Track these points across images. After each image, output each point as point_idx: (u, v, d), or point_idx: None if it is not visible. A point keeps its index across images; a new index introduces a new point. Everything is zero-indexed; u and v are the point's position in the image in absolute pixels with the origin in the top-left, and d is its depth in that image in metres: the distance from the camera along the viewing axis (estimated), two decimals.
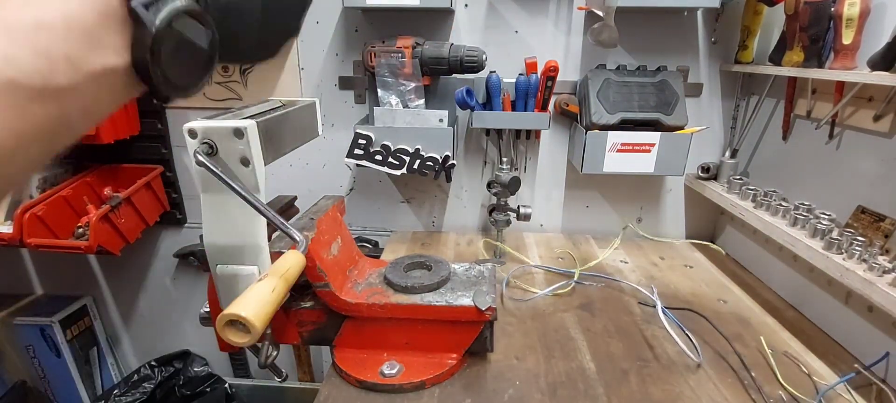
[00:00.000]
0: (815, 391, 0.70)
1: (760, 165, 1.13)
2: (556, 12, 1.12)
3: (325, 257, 0.70)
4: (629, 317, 0.89)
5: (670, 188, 1.27)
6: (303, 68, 1.20)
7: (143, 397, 1.28)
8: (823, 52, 0.87)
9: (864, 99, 0.82)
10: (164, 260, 1.45)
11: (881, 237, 0.77)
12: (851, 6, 0.78)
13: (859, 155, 0.84)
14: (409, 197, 1.32)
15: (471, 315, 0.69)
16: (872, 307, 0.76)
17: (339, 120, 1.23)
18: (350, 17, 1.15)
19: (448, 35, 1.15)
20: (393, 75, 1.05)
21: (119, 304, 1.55)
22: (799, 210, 0.89)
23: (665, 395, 0.69)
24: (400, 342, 0.73)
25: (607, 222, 1.30)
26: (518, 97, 1.07)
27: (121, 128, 1.15)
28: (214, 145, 0.53)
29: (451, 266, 0.78)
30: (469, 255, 1.16)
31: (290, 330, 0.74)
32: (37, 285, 1.54)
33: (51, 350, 1.43)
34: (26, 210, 1.04)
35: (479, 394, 0.69)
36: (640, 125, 1.06)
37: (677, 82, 1.07)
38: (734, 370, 0.75)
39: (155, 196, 1.28)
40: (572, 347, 0.80)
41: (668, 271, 1.09)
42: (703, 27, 1.11)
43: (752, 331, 0.85)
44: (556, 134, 1.22)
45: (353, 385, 0.70)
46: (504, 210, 1.09)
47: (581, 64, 1.16)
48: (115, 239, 1.15)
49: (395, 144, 1.06)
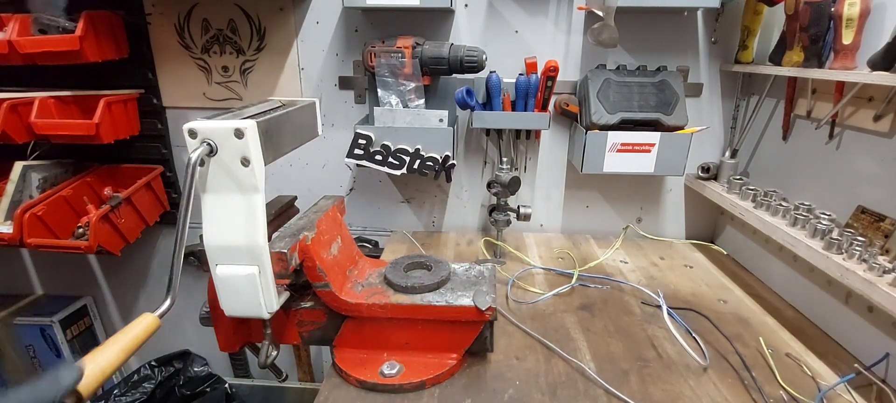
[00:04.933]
0: (816, 391, 0.70)
1: (760, 165, 1.13)
2: (556, 12, 1.12)
3: (325, 257, 0.70)
4: (629, 317, 0.89)
5: (670, 188, 1.27)
6: (303, 68, 1.20)
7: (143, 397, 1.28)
8: (823, 52, 0.87)
9: (864, 99, 0.82)
10: (164, 260, 1.45)
11: (881, 237, 0.77)
12: (851, 6, 0.78)
13: (859, 155, 0.84)
14: (409, 197, 1.32)
15: (471, 315, 0.69)
16: (872, 307, 0.76)
17: (339, 120, 1.23)
18: (350, 17, 1.15)
19: (448, 35, 1.15)
20: (393, 75, 1.05)
21: (119, 304, 1.55)
22: (799, 210, 0.89)
23: (665, 395, 0.69)
24: (400, 342, 0.73)
25: (607, 222, 1.30)
26: (518, 97, 1.07)
27: (121, 128, 1.15)
28: (215, 145, 0.53)
29: (451, 266, 0.78)
30: (469, 255, 1.16)
31: (290, 330, 0.74)
32: (37, 285, 1.54)
33: (51, 350, 1.43)
34: (26, 210, 1.04)
35: (479, 394, 0.69)
36: (640, 125, 1.06)
37: (677, 82, 1.07)
38: (735, 369, 0.75)
39: (155, 196, 1.28)
40: (572, 347, 0.80)
41: (668, 271, 1.09)
42: (703, 27, 1.11)
43: (752, 331, 0.85)
44: (556, 134, 1.22)
45: (353, 385, 0.70)
46: (504, 210, 1.09)
47: (581, 64, 1.16)
48: (115, 239, 1.15)
49: (395, 144, 1.06)
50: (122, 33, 1.14)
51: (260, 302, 0.61)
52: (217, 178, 0.55)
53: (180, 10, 1.15)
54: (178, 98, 1.23)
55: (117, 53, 1.13)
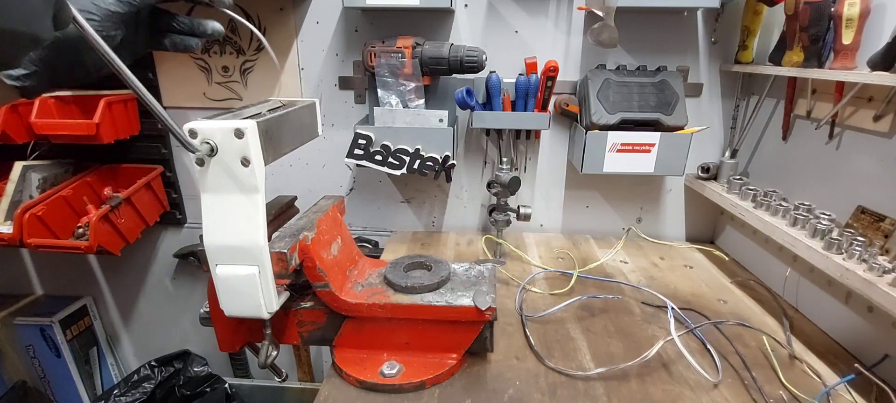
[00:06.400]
0: (816, 391, 0.70)
1: (760, 165, 1.13)
2: (556, 12, 1.12)
3: (325, 257, 0.70)
4: (629, 318, 0.89)
5: (670, 188, 1.27)
6: (303, 68, 1.20)
7: (143, 397, 1.28)
8: (823, 52, 0.87)
9: (863, 99, 0.82)
10: (164, 260, 1.45)
11: (881, 237, 0.77)
12: (851, 6, 0.78)
13: (859, 155, 0.84)
14: (409, 197, 1.32)
15: (471, 315, 0.69)
16: (872, 307, 0.76)
17: (339, 120, 1.23)
18: (350, 17, 1.15)
19: (448, 35, 1.15)
20: (393, 75, 1.05)
21: (119, 304, 1.55)
22: (799, 210, 0.89)
23: (665, 395, 0.69)
24: (400, 342, 0.73)
25: (607, 222, 1.30)
26: (518, 97, 1.07)
27: (121, 128, 1.15)
28: (214, 145, 0.53)
29: (451, 266, 0.78)
30: (469, 255, 1.16)
31: (290, 330, 0.74)
32: (37, 285, 1.54)
33: (51, 350, 1.43)
34: (26, 210, 1.04)
35: (479, 394, 0.69)
36: (640, 125, 1.06)
37: (677, 82, 1.07)
38: (735, 369, 0.75)
39: (155, 196, 1.28)
40: (572, 347, 0.80)
41: (668, 271, 1.09)
42: (703, 27, 1.11)
43: (752, 331, 0.85)
44: (556, 134, 1.22)
45: (353, 385, 0.70)
46: (504, 210, 1.09)
47: (581, 64, 1.16)
48: (115, 239, 1.15)
49: (395, 144, 1.06)
50: None
51: (260, 302, 0.61)
52: (217, 178, 0.55)
53: (180, 11, 1.15)
54: (178, 98, 1.23)
55: None
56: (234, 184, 0.55)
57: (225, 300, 0.62)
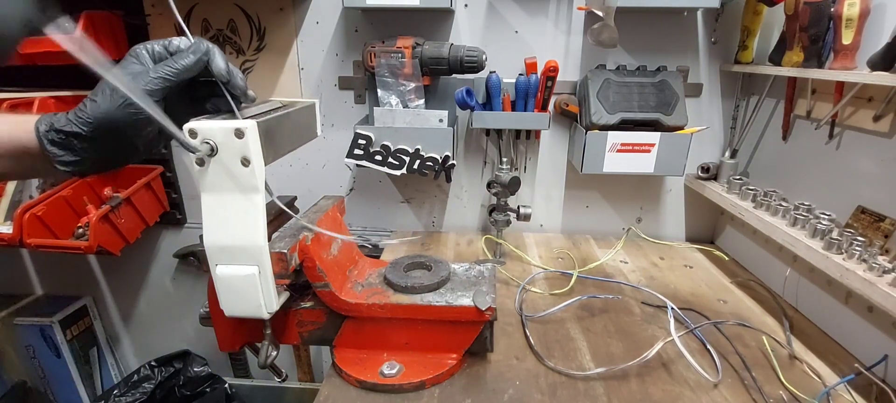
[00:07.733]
0: (817, 391, 0.70)
1: (760, 165, 1.13)
2: (556, 12, 1.12)
3: (325, 257, 0.70)
4: (629, 318, 0.89)
5: (670, 188, 1.27)
6: (303, 68, 1.20)
7: (143, 397, 1.28)
8: (823, 52, 0.87)
9: (863, 99, 0.82)
10: (164, 260, 1.45)
11: (881, 237, 0.77)
12: (851, 6, 0.78)
13: (859, 155, 0.84)
14: (409, 197, 1.32)
15: (471, 315, 0.69)
16: (872, 307, 0.76)
17: (339, 120, 1.23)
18: (350, 17, 1.15)
19: (448, 35, 1.15)
20: (393, 75, 1.05)
21: (119, 304, 1.55)
22: (799, 210, 0.89)
23: (665, 395, 0.69)
24: (400, 342, 0.73)
25: (607, 222, 1.30)
26: (518, 97, 1.07)
27: None
28: (215, 145, 0.53)
29: (451, 266, 0.78)
30: (469, 255, 1.16)
31: (290, 330, 0.74)
32: (37, 285, 1.54)
33: (51, 350, 1.43)
34: (26, 210, 1.04)
35: (479, 394, 0.69)
36: (640, 125, 1.06)
37: (677, 82, 1.07)
38: (735, 369, 0.75)
39: (155, 196, 1.27)
40: (572, 347, 0.80)
41: (668, 271, 1.09)
42: (703, 27, 1.11)
43: (752, 331, 0.85)
44: (556, 134, 1.22)
45: (353, 385, 0.70)
46: (504, 210, 1.09)
47: (581, 64, 1.16)
48: (115, 239, 1.15)
49: (395, 144, 1.06)
50: (121, 33, 1.14)
51: (260, 303, 0.61)
52: (217, 178, 0.55)
53: (180, 11, 1.15)
54: None
55: (117, 53, 1.13)
56: (234, 184, 0.55)
57: (225, 300, 0.62)
